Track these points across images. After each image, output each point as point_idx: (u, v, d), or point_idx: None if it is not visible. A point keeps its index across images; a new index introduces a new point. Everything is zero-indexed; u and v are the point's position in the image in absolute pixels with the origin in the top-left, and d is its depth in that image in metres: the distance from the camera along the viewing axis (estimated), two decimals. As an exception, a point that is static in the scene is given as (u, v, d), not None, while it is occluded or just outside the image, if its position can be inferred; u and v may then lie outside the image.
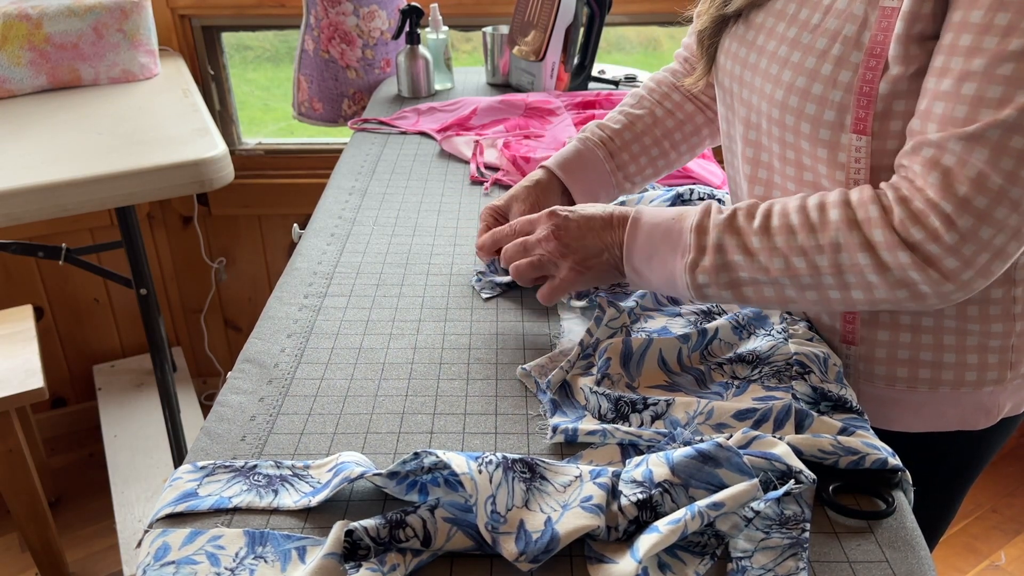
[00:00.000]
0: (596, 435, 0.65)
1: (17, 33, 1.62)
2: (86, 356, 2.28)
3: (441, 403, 0.71)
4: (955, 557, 1.94)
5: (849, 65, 0.68)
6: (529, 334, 0.81)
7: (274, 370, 0.75)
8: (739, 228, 0.69)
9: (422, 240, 1.00)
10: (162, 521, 0.58)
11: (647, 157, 0.98)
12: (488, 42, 1.61)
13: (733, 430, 0.63)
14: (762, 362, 0.72)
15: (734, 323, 0.76)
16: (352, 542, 0.53)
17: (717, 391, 0.70)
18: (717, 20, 0.82)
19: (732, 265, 0.69)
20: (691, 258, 0.70)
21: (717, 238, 0.69)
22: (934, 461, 0.85)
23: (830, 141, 0.71)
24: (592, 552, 0.55)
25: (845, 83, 0.68)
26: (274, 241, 2.25)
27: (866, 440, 0.62)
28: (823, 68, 0.69)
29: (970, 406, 0.79)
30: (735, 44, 0.80)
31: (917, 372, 0.77)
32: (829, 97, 0.69)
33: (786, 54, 0.73)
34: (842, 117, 0.69)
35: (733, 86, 0.81)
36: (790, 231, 0.66)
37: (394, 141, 1.34)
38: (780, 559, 0.54)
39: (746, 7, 0.78)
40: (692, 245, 0.70)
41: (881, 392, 0.79)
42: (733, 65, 0.80)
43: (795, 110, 0.72)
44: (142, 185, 1.32)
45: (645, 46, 2.39)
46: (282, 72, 2.51)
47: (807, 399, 0.67)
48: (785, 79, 0.72)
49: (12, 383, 1.63)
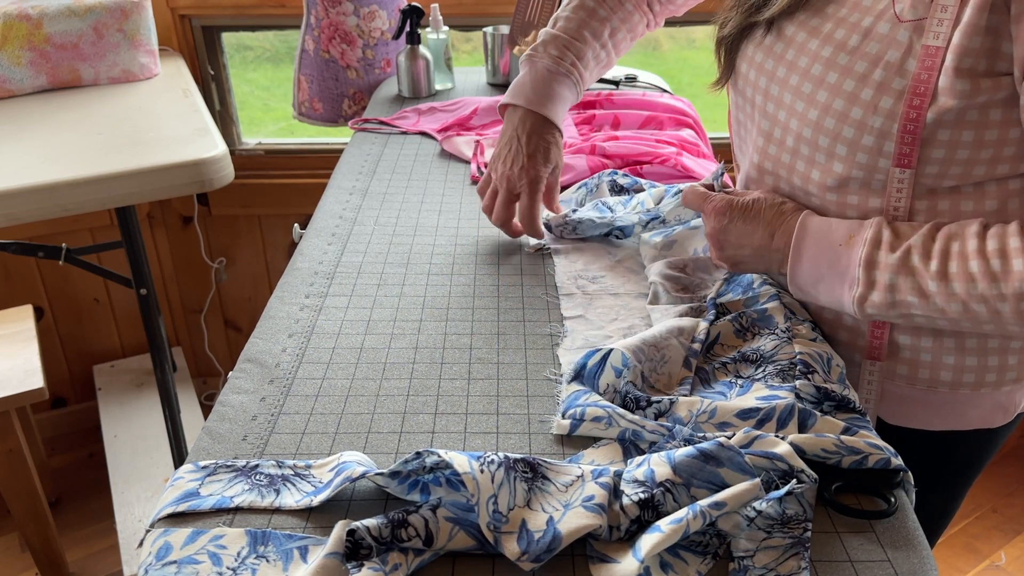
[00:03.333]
0: (602, 422, 0.65)
1: (17, 33, 1.62)
2: (86, 356, 2.27)
3: (442, 403, 0.71)
4: (955, 557, 1.95)
5: (891, 92, 0.67)
6: (530, 334, 0.81)
7: (275, 370, 0.75)
8: (914, 269, 0.67)
9: (423, 240, 1.00)
10: (164, 521, 0.58)
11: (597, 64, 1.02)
12: (488, 42, 1.61)
13: (736, 429, 0.63)
14: (766, 361, 0.72)
15: (737, 326, 0.76)
16: (354, 542, 0.53)
17: (721, 390, 0.70)
18: (743, 28, 0.81)
19: (905, 304, 0.68)
20: (859, 292, 0.69)
21: (890, 280, 0.68)
22: (945, 455, 0.85)
23: (867, 165, 0.70)
24: (594, 552, 0.55)
25: (887, 109, 0.67)
26: (274, 241, 2.25)
27: (869, 440, 0.62)
28: (863, 93, 0.68)
29: (989, 406, 0.79)
30: (760, 54, 0.79)
31: (939, 375, 0.77)
32: (869, 123, 0.68)
33: (821, 73, 0.71)
34: (881, 143, 0.68)
35: (756, 97, 0.80)
36: (970, 279, 0.65)
37: (395, 141, 1.34)
38: (782, 559, 0.54)
39: (779, 15, 0.77)
40: (861, 280, 0.69)
41: (901, 391, 0.80)
42: (758, 76, 0.79)
43: (831, 132, 0.71)
44: (142, 185, 1.32)
45: (645, 46, 2.39)
46: (282, 72, 2.51)
47: (810, 399, 0.67)
48: (821, 99, 0.71)
49: (12, 383, 1.63)
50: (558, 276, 0.92)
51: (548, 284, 0.90)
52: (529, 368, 0.76)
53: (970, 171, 0.67)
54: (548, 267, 0.94)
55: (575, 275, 0.92)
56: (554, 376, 0.74)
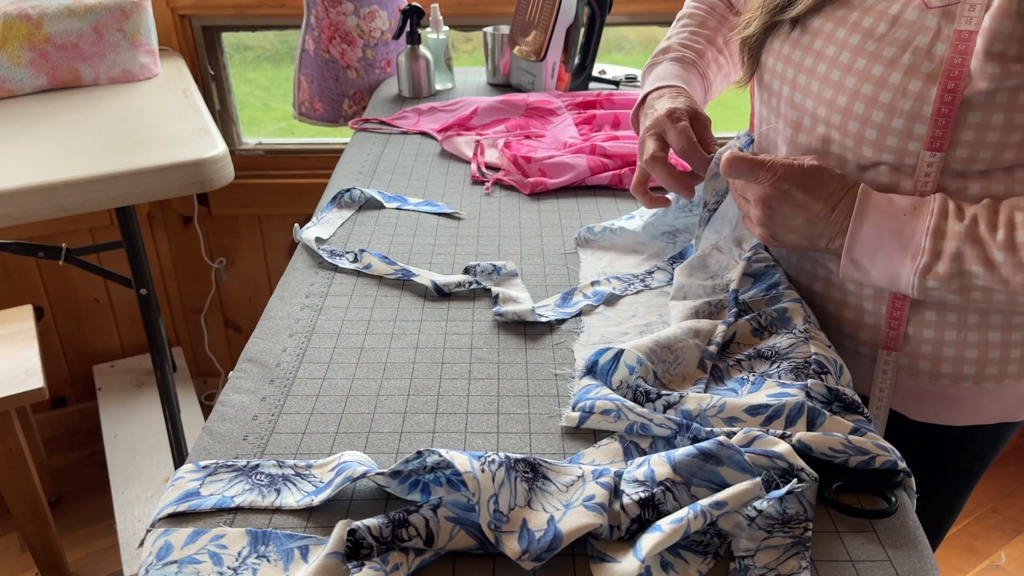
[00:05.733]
0: (611, 414, 0.65)
1: (17, 33, 1.62)
2: (86, 356, 2.27)
3: (443, 402, 0.71)
4: (955, 557, 1.95)
5: (920, 75, 0.68)
6: (531, 334, 0.81)
7: (276, 370, 0.75)
8: (981, 238, 0.67)
9: (423, 240, 1.00)
10: (164, 520, 0.58)
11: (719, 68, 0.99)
12: (489, 42, 1.61)
13: (745, 424, 0.63)
14: (781, 357, 0.72)
15: (755, 324, 0.76)
16: (355, 541, 0.53)
17: (732, 387, 0.70)
18: (769, 26, 0.81)
19: (969, 274, 0.67)
20: (924, 262, 0.68)
21: (957, 247, 0.67)
22: (959, 449, 0.86)
23: (897, 148, 0.71)
24: (595, 551, 0.55)
25: (916, 92, 0.68)
26: (274, 241, 2.25)
27: (876, 441, 0.62)
28: (891, 77, 0.69)
29: (1011, 398, 0.80)
30: (787, 47, 0.79)
31: (962, 368, 0.78)
32: (898, 106, 0.69)
33: (849, 60, 0.72)
34: (911, 126, 0.69)
35: (783, 88, 0.80)
36: None
37: (395, 141, 1.34)
38: (783, 558, 0.54)
39: (806, 12, 0.77)
40: (927, 249, 0.68)
41: (925, 386, 0.80)
42: (785, 68, 0.79)
43: (860, 117, 0.72)
44: (142, 185, 1.32)
45: (645, 46, 2.39)
46: (282, 72, 2.51)
47: (821, 398, 0.67)
48: (849, 85, 0.72)
49: (12, 383, 1.63)
50: (582, 272, 0.92)
51: (548, 285, 0.90)
52: (530, 368, 0.76)
53: (1000, 155, 0.68)
54: (571, 264, 0.94)
55: (599, 272, 0.92)
56: (566, 372, 0.74)
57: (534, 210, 1.08)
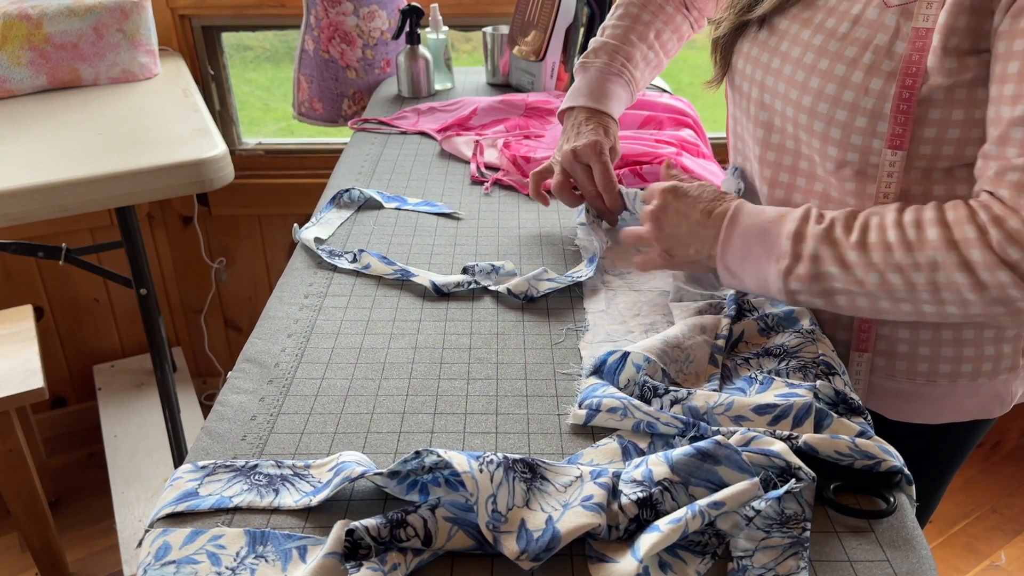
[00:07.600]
0: (617, 412, 0.65)
1: (17, 33, 1.62)
2: (86, 356, 2.28)
3: (442, 403, 0.71)
4: (955, 557, 1.94)
5: (881, 73, 0.69)
6: (529, 334, 0.81)
7: (275, 370, 0.75)
8: (836, 240, 0.68)
9: (423, 240, 1.00)
10: (163, 521, 0.58)
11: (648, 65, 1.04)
12: (488, 42, 1.61)
13: (752, 423, 0.63)
14: (789, 355, 0.72)
15: (762, 324, 0.77)
16: (353, 541, 0.53)
17: (741, 386, 0.70)
18: (737, 26, 0.83)
19: (827, 275, 0.69)
20: (785, 264, 0.70)
21: (814, 248, 0.69)
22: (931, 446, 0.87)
23: (861, 147, 0.72)
24: (593, 551, 0.55)
25: (877, 90, 0.69)
26: (274, 241, 2.25)
27: (882, 446, 0.62)
28: (853, 76, 0.70)
29: (987, 395, 0.81)
30: (755, 49, 0.81)
31: (937, 367, 0.79)
32: (861, 104, 0.70)
33: (813, 61, 0.73)
34: (874, 124, 0.70)
35: (752, 90, 0.82)
36: (887, 247, 0.66)
37: (394, 141, 1.34)
38: (781, 558, 0.54)
39: (771, 12, 0.79)
40: (788, 252, 0.70)
41: (902, 386, 0.81)
42: (754, 70, 0.81)
43: (824, 116, 0.73)
44: (142, 185, 1.32)
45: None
46: (282, 72, 2.51)
47: (827, 400, 0.67)
48: (813, 85, 0.73)
49: (12, 383, 1.63)
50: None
51: (547, 284, 0.90)
52: (528, 368, 0.76)
53: (962, 151, 0.69)
54: (571, 264, 0.94)
55: (601, 270, 0.92)
56: (572, 370, 0.74)
57: (533, 210, 1.08)
